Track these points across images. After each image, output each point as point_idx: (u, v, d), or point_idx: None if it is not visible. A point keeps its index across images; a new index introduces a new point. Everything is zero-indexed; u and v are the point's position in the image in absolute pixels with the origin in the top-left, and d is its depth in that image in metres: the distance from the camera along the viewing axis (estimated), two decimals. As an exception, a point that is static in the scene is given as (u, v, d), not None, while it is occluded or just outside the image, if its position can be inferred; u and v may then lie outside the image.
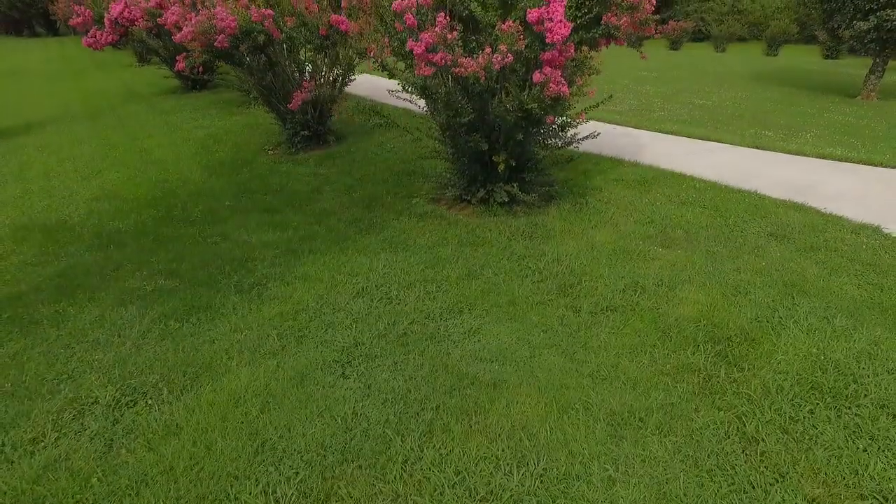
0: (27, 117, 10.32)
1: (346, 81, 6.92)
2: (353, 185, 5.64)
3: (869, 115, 8.80)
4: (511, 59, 3.16)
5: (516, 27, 3.14)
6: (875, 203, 4.56)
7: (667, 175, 5.35)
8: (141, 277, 3.81)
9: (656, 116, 8.72)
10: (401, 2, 3.22)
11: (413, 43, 3.17)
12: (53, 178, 6.41)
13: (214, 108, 9.75)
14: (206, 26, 5.53)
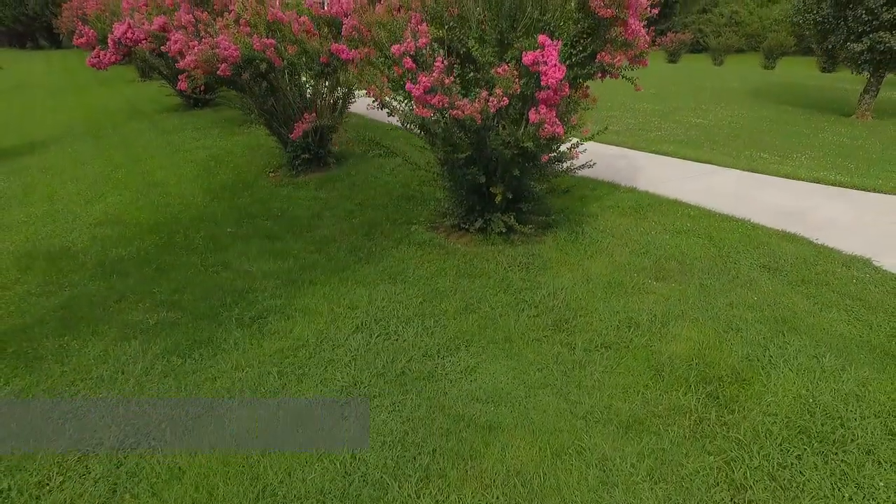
0: (31, 135, 10.45)
1: (346, 105, 7.02)
2: (353, 210, 5.72)
3: (863, 135, 8.90)
4: (506, 101, 3.25)
5: (512, 71, 3.22)
6: (866, 233, 4.63)
7: (662, 202, 5.43)
8: (144, 309, 3.87)
9: (653, 136, 8.82)
10: (399, 46, 3.32)
11: (411, 85, 3.25)
12: (57, 201, 6.48)
13: (216, 128, 9.85)
14: (208, 55, 5.63)
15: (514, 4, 3.68)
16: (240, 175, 7.21)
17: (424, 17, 3.93)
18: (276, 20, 5.88)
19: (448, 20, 3.86)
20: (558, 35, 3.80)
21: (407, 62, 3.31)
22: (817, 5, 9.78)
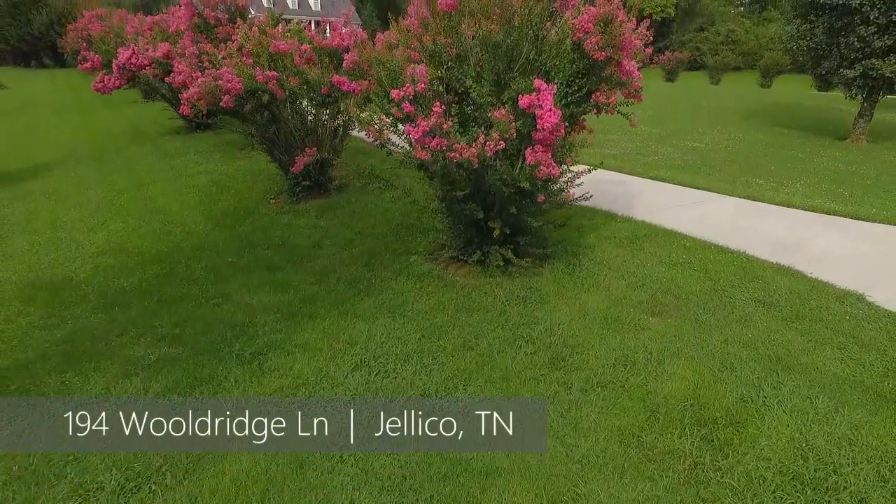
0: (35, 158, 10.56)
1: (347, 132, 7.13)
2: (353, 239, 5.78)
3: (858, 160, 9.01)
4: (503, 145, 3.33)
5: (508, 116, 3.30)
6: (860, 266, 4.68)
7: (658, 232, 5.49)
8: (145, 344, 3.90)
9: (650, 161, 8.93)
10: (398, 91, 3.40)
11: (411, 128, 3.33)
12: (60, 228, 6.55)
13: (218, 152, 9.96)
14: (211, 87, 5.74)
15: (511, 45, 3.78)
16: (241, 201, 7.29)
17: (423, 56, 4.03)
18: (279, 52, 6.00)
19: (446, 60, 3.96)
20: (554, 74, 3.90)
21: (406, 107, 3.39)
22: (810, 32, 9.95)
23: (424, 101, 3.52)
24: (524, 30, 3.80)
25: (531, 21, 3.76)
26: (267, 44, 6.15)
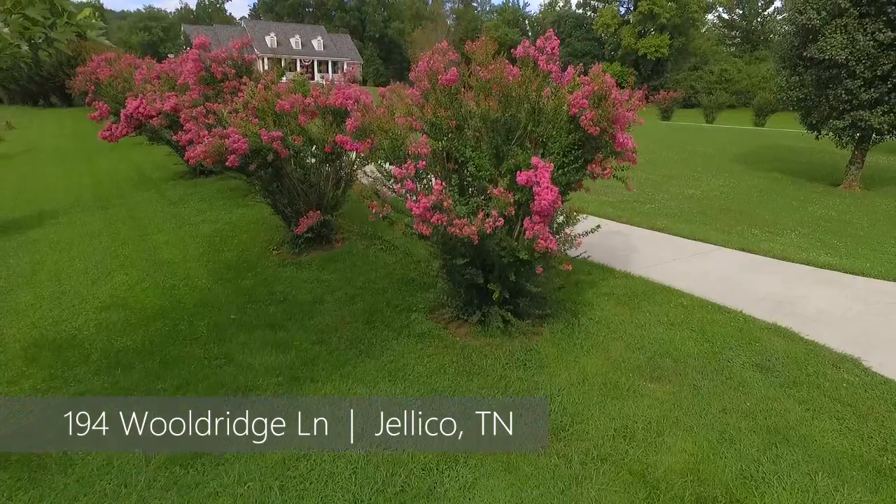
0: (41, 205, 10.71)
1: (350, 184, 7.27)
2: (355, 294, 5.84)
3: (851, 209, 9.16)
4: (502, 222, 3.43)
5: (506, 195, 3.42)
6: (854, 326, 4.74)
7: (656, 289, 5.57)
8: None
9: (647, 209, 9.08)
10: (401, 169, 3.54)
11: (412, 204, 3.44)
12: (64, 280, 6.62)
13: (221, 198, 10.11)
14: (218, 146, 5.90)
15: (509, 119, 3.94)
16: (244, 252, 7.38)
17: (424, 125, 4.18)
18: (283, 111, 6.19)
19: (446, 131, 4.10)
20: (551, 145, 4.05)
21: (408, 184, 3.52)
22: (799, 83, 10.25)
23: (425, 176, 3.64)
24: (522, 104, 3.96)
25: (528, 96, 3.92)
26: (273, 102, 6.36)
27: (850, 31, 9.01)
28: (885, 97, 9.19)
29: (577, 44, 74.86)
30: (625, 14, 71.24)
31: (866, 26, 8.91)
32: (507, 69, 3.75)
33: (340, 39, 70.70)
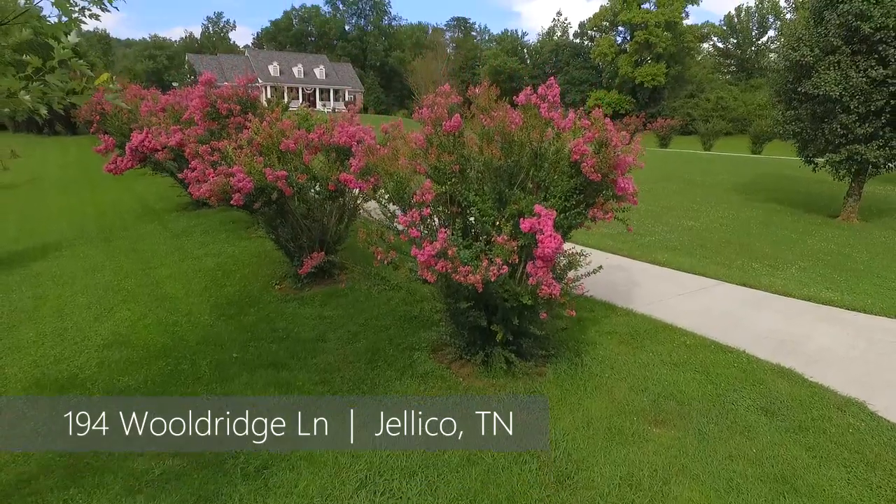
0: (45, 237, 10.77)
1: (353, 218, 7.34)
2: (357, 332, 5.84)
3: (850, 241, 9.22)
4: (506, 270, 3.47)
5: (510, 243, 3.46)
6: (858, 367, 4.74)
7: (658, 327, 5.57)
8: (149, 455, 3.88)
9: (647, 241, 9.13)
10: (406, 217, 3.59)
11: (417, 251, 3.48)
12: (67, 316, 6.62)
13: (224, 230, 10.17)
14: (223, 185, 5.97)
15: (512, 165, 4.00)
16: (246, 287, 7.39)
17: (428, 171, 4.25)
18: (288, 150, 6.29)
19: (450, 175, 4.17)
20: (553, 188, 4.10)
21: (413, 232, 3.57)
22: (795, 117, 10.42)
23: (430, 222, 3.69)
24: (524, 149, 4.04)
25: (530, 142, 3.99)
26: (277, 139, 6.46)
27: (843, 67, 9.20)
28: (880, 132, 9.33)
29: (576, 72, 76.10)
30: (622, 43, 72.62)
31: (858, 63, 9.10)
32: (510, 117, 3.83)
33: (342, 68, 71.90)
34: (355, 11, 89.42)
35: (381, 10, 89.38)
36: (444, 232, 3.47)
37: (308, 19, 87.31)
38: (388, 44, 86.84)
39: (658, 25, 65.18)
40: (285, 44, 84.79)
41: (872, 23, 8.70)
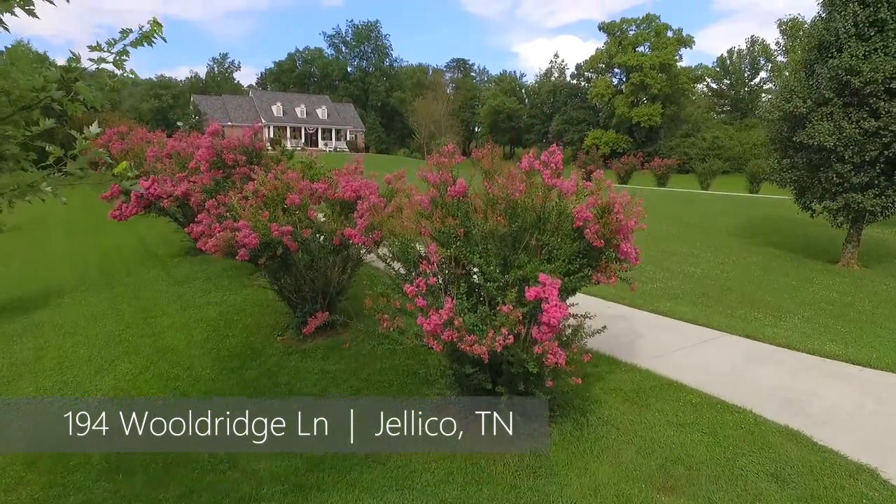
0: (47, 281, 10.81)
1: (355, 269, 7.38)
2: (360, 388, 5.80)
3: (851, 289, 9.24)
4: (512, 340, 3.49)
5: (516, 313, 3.49)
6: (867, 429, 4.69)
7: (664, 385, 5.53)
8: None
9: (649, 289, 9.14)
10: (411, 287, 3.63)
11: (423, 319, 3.51)
12: (67, 369, 6.59)
13: (226, 278, 10.20)
14: (228, 240, 6.04)
15: (516, 231, 4.07)
16: (248, 338, 7.38)
17: (433, 234, 4.30)
18: (293, 205, 6.38)
19: (455, 239, 4.22)
20: (557, 251, 4.15)
21: (419, 301, 3.60)
22: (791, 165, 10.60)
23: (436, 290, 3.73)
24: (527, 213, 4.11)
25: (534, 207, 4.07)
26: (282, 192, 6.57)
27: (836, 119, 9.42)
28: (876, 181, 9.48)
29: (573, 112, 77.69)
30: (618, 84, 74.40)
31: (851, 115, 9.32)
32: (514, 185, 3.91)
33: (344, 108, 73.43)
34: (358, 54, 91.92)
35: (382, 53, 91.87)
36: (450, 301, 3.50)
37: (311, 61, 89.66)
38: (389, 84, 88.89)
39: (653, 67, 66.94)
40: (289, 84, 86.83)
41: (862, 77, 8.95)
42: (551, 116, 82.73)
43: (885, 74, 8.76)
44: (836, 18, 9.45)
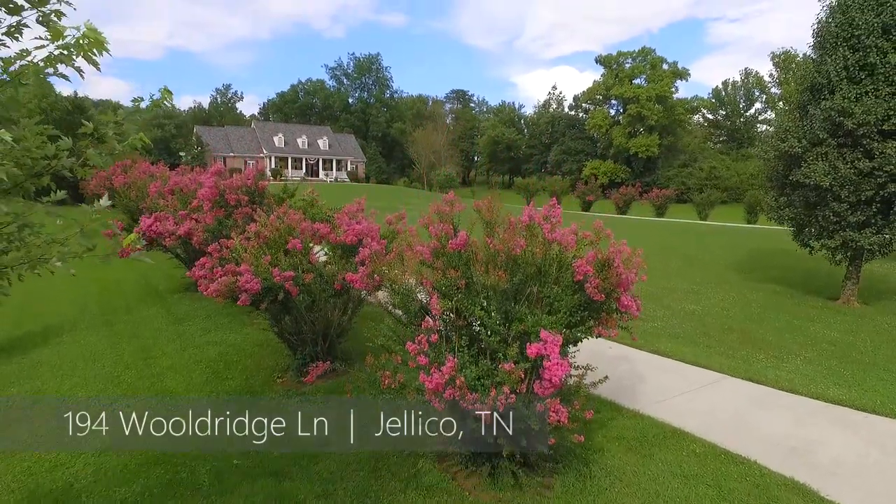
0: (47, 318, 10.77)
1: (356, 311, 7.39)
2: (361, 435, 5.74)
3: (853, 328, 9.23)
4: (514, 399, 3.49)
5: (517, 372, 3.50)
6: (874, 481, 4.64)
7: (667, 433, 5.48)
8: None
9: (649, 328, 9.13)
10: (413, 345, 3.64)
11: (425, 377, 3.51)
12: (63, 416, 6.51)
13: (227, 315, 10.17)
14: (230, 284, 6.06)
15: (518, 282, 4.10)
16: (248, 380, 7.33)
17: (435, 285, 4.33)
18: (295, 249, 6.42)
19: (456, 292, 4.25)
20: (558, 303, 4.17)
21: (421, 359, 3.61)
22: (788, 203, 10.70)
23: (439, 348, 3.74)
24: (528, 267, 4.14)
25: (534, 261, 4.11)
26: (284, 235, 6.62)
27: (831, 159, 9.56)
28: (872, 219, 9.56)
29: (571, 142, 78.76)
30: (615, 115, 75.63)
31: (845, 156, 9.46)
32: (514, 241, 3.96)
33: (345, 139, 74.35)
34: (359, 86, 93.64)
35: (383, 85, 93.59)
36: (452, 360, 3.51)
37: (313, 92, 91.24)
38: (389, 115, 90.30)
39: (649, 99, 68.16)
40: (291, 114, 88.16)
41: (855, 119, 9.11)
42: (550, 146, 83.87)
43: (877, 117, 8.92)
44: (827, 62, 9.67)
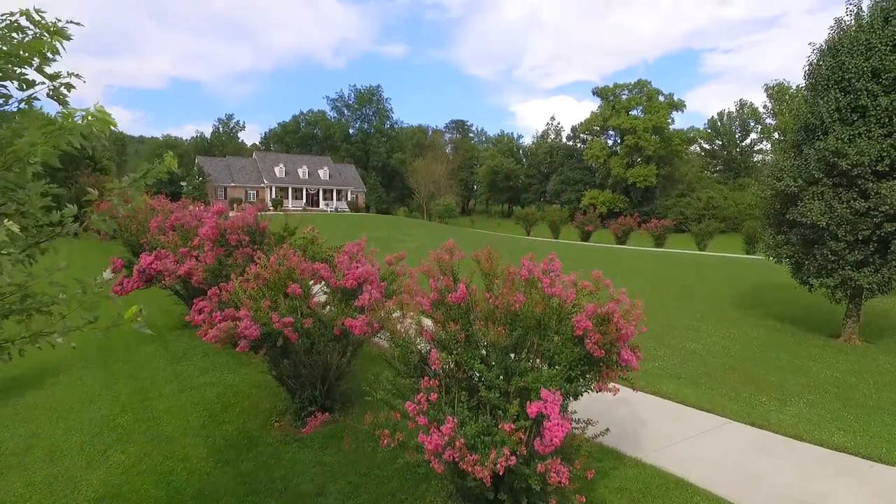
0: (43, 357, 10.60)
1: (355, 355, 7.35)
2: (359, 484, 5.66)
3: (855, 368, 9.18)
4: (514, 461, 3.45)
5: (517, 433, 3.48)
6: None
7: (669, 484, 5.40)
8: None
9: (651, 368, 9.07)
10: (413, 405, 3.63)
11: (424, 438, 3.48)
12: (58, 460, 6.43)
13: (225, 354, 10.09)
14: (230, 330, 6.05)
15: (518, 337, 4.10)
16: (245, 424, 7.25)
17: (435, 338, 4.33)
18: (294, 293, 6.43)
19: (456, 345, 4.24)
20: (558, 356, 4.16)
21: (420, 420, 3.58)
22: (786, 241, 10.76)
23: (438, 405, 3.72)
24: (528, 320, 4.15)
25: (534, 314, 4.12)
26: (284, 278, 6.64)
27: (827, 198, 9.64)
28: (870, 258, 9.59)
29: (570, 172, 79.52)
30: (613, 146, 76.55)
31: (841, 195, 9.55)
32: (513, 297, 3.97)
33: (345, 169, 75.02)
34: (359, 116, 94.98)
35: (383, 115, 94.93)
36: (452, 421, 3.48)
37: (314, 123, 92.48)
38: (389, 145, 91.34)
39: (646, 130, 69.09)
40: (292, 144, 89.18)
41: (849, 160, 9.23)
42: (548, 176, 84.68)
43: (870, 158, 9.04)
44: (820, 103, 9.85)
